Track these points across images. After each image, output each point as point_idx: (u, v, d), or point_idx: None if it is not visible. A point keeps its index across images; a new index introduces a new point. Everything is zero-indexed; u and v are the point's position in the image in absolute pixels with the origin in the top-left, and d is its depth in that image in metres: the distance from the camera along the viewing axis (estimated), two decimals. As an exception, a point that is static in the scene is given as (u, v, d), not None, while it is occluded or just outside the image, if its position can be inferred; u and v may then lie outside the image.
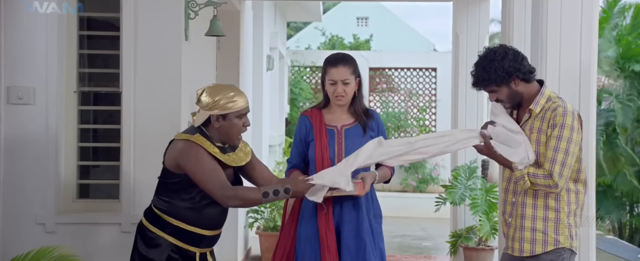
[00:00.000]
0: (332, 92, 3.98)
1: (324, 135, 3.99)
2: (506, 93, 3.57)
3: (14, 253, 4.42)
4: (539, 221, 3.52)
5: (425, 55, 16.30)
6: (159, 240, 3.62)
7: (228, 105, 3.59)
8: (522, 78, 3.53)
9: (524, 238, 3.55)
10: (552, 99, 3.53)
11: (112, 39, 4.91)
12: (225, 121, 3.61)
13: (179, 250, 3.64)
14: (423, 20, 58.00)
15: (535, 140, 3.52)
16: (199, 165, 3.53)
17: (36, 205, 4.64)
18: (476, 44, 7.62)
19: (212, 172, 3.53)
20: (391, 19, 29.79)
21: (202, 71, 5.62)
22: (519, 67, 3.51)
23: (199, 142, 3.57)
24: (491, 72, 3.52)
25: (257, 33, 8.87)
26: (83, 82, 4.92)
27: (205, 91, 3.62)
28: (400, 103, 14.28)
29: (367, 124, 4.03)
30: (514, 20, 5.22)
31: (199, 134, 3.61)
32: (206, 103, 3.59)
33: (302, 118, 4.09)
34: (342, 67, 3.96)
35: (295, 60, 14.35)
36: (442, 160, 13.78)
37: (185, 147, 3.56)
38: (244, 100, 3.65)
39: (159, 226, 3.63)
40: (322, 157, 3.96)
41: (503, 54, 3.53)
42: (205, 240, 3.71)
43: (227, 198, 3.53)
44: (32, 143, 4.62)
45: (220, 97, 3.58)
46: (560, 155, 3.41)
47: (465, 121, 7.66)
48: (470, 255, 7.05)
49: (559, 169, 3.40)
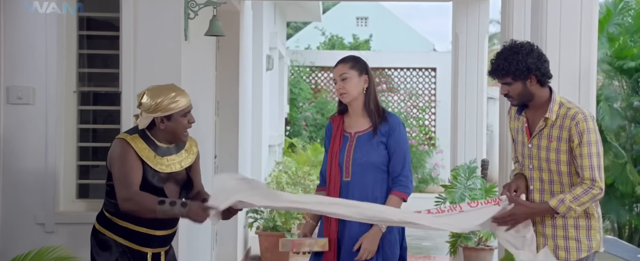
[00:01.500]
0: (335, 90, 4.01)
1: (337, 142, 3.99)
2: (519, 89, 3.53)
3: (13, 253, 4.42)
4: (572, 229, 3.50)
5: (425, 55, 16.31)
6: (110, 241, 3.67)
7: (171, 106, 3.62)
8: (538, 79, 3.51)
9: (558, 246, 3.52)
10: (565, 105, 3.51)
11: (111, 39, 4.91)
12: (170, 122, 3.65)
13: (129, 251, 3.67)
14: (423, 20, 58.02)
15: (555, 148, 3.49)
16: (117, 163, 3.58)
17: (36, 205, 4.64)
18: (476, 44, 7.64)
19: (126, 171, 3.55)
20: (391, 19, 29.78)
21: (201, 71, 5.61)
22: (540, 67, 3.49)
23: (132, 142, 3.60)
24: (513, 64, 3.48)
25: (257, 33, 8.87)
26: (83, 82, 4.92)
27: (146, 94, 3.64)
28: (400, 104, 14.28)
29: (378, 128, 3.94)
30: (513, 20, 5.22)
31: (138, 135, 3.64)
32: (148, 107, 3.61)
33: (327, 124, 4.13)
34: (340, 64, 3.98)
35: (295, 60, 14.35)
36: (442, 159, 13.79)
37: (114, 145, 3.63)
38: (186, 98, 3.68)
39: (109, 228, 3.68)
40: (332, 163, 3.97)
41: (529, 49, 3.51)
42: (156, 240, 3.73)
43: (123, 200, 3.55)
44: (31, 143, 4.62)
45: (162, 98, 3.60)
46: (595, 159, 3.40)
47: (464, 121, 7.66)
48: (470, 255, 7.05)
49: (599, 173, 3.39)
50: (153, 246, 3.72)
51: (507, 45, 3.56)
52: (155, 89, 3.66)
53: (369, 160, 3.90)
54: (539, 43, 4.13)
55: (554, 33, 4.08)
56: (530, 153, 3.59)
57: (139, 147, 3.61)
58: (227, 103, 7.15)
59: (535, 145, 3.56)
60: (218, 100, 6.87)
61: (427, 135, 14.27)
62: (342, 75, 3.94)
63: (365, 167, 3.90)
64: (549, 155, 3.51)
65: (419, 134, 14.13)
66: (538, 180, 3.58)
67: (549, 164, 3.52)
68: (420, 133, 14.17)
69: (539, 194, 3.58)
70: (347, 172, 3.92)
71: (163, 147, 3.69)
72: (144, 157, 3.61)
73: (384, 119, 3.97)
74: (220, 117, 6.99)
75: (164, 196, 3.64)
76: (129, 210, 3.56)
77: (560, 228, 3.52)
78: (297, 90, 13.95)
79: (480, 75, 7.66)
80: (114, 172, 3.59)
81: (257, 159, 8.87)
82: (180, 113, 3.65)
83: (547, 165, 3.53)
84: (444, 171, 13.36)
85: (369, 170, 3.90)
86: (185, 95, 3.70)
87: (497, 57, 3.56)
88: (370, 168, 3.90)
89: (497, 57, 3.56)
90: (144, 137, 3.66)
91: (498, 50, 3.60)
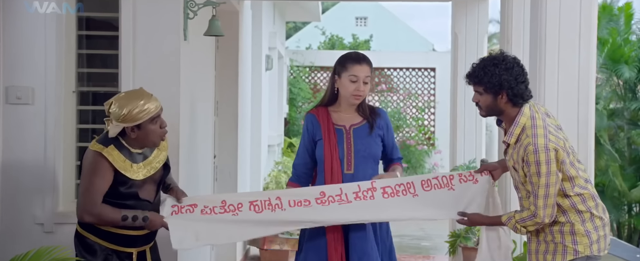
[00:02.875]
0: (352, 89, 3.96)
1: (332, 134, 3.98)
2: (488, 101, 3.57)
3: (12, 254, 4.41)
4: (557, 233, 3.54)
5: (424, 55, 16.30)
6: (95, 245, 3.71)
7: (139, 116, 3.60)
8: (510, 98, 3.51)
9: (548, 250, 3.57)
10: (526, 130, 3.48)
11: (110, 38, 4.90)
12: (140, 130, 3.64)
13: (115, 253, 3.71)
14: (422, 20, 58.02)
15: (517, 169, 3.54)
16: (88, 175, 3.60)
17: (35, 205, 4.64)
18: (475, 44, 7.63)
19: (94, 187, 3.58)
20: (390, 19, 29.76)
21: (201, 71, 5.61)
22: (513, 87, 3.49)
23: (109, 155, 3.60)
24: (487, 75, 3.51)
25: (256, 33, 8.87)
26: (82, 82, 4.92)
27: (113, 103, 3.63)
28: (399, 103, 14.28)
29: (375, 122, 4.03)
30: (512, 20, 5.22)
31: (113, 145, 3.63)
32: (117, 116, 3.60)
33: (308, 116, 4.08)
34: (366, 65, 3.99)
35: (295, 60, 14.34)
36: (441, 160, 13.79)
37: (88, 157, 3.63)
38: (154, 104, 3.65)
39: (92, 233, 3.71)
40: (331, 156, 3.96)
41: (509, 65, 3.50)
42: (139, 239, 3.77)
43: (85, 212, 3.59)
44: (30, 143, 4.62)
45: (130, 108, 3.58)
46: (542, 190, 3.42)
47: (464, 121, 7.65)
48: (469, 255, 7.04)
49: (542, 202, 3.43)
50: (137, 245, 3.77)
51: (492, 54, 3.57)
52: (123, 98, 3.64)
53: (371, 152, 3.98)
54: (538, 43, 4.13)
55: (553, 33, 4.09)
56: (507, 164, 3.69)
57: (115, 158, 3.61)
58: (226, 103, 7.15)
59: (508, 163, 3.64)
60: (217, 100, 6.86)
61: (426, 135, 14.27)
62: (366, 79, 3.98)
63: (367, 159, 3.97)
64: (515, 175, 3.60)
65: (418, 134, 14.12)
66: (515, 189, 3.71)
67: (518, 183, 3.62)
68: (419, 133, 14.16)
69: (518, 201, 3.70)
70: (348, 164, 3.95)
71: (136, 153, 3.70)
72: (120, 168, 3.61)
73: (377, 113, 4.07)
74: (219, 117, 6.99)
75: (140, 200, 3.69)
76: (88, 222, 3.62)
77: (547, 233, 3.57)
78: (296, 90, 13.94)
79: (479, 75, 7.65)
80: (83, 182, 3.62)
81: (256, 159, 8.87)
82: (149, 120, 3.64)
83: (518, 184, 3.62)
84: (443, 171, 13.36)
85: (369, 162, 3.98)
86: (154, 100, 3.67)
87: (477, 63, 3.58)
88: (370, 160, 3.97)
89: (477, 63, 3.58)
90: (118, 146, 3.65)
91: (482, 57, 3.62)
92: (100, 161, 3.59)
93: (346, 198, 3.86)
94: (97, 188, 3.58)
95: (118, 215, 3.59)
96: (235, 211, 3.87)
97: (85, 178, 3.61)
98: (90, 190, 3.59)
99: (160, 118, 3.70)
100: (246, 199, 3.92)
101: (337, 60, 4.05)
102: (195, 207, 3.87)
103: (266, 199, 3.88)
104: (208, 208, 3.87)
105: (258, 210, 3.87)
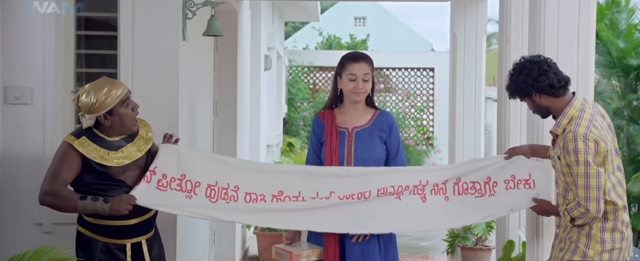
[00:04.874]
0: (351, 86, 3.98)
1: (334, 138, 4.00)
2: (532, 105, 3.65)
3: (11, 254, 4.41)
4: (575, 233, 3.53)
5: (423, 55, 16.29)
6: (90, 240, 3.78)
7: (107, 102, 3.65)
8: (542, 93, 3.55)
9: (561, 247, 3.58)
10: (572, 120, 3.51)
11: (109, 38, 4.90)
12: (113, 116, 3.70)
13: (107, 246, 3.77)
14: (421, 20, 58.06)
15: (557, 157, 3.56)
16: (55, 160, 3.68)
17: (33, 205, 4.61)
18: (474, 44, 7.63)
19: (58, 169, 3.64)
20: (389, 19, 29.76)
21: (199, 71, 5.61)
22: (535, 84, 3.53)
23: (79, 146, 3.66)
24: (513, 85, 3.61)
25: (255, 33, 8.87)
26: (81, 82, 4.91)
27: (81, 96, 3.68)
28: (398, 104, 14.28)
29: (377, 123, 4.03)
30: (511, 20, 5.22)
31: (86, 137, 3.69)
32: (88, 107, 3.66)
33: (315, 119, 4.12)
34: (363, 62, 4.00)
35: (293, 60, 14.34)
36: (440, 160, 13.79)
37: (60, 147, 3.72)
38: (121, 87, 3.71)
39: (87, 228, 3.80)
40: (331, 159, 3.97)
41: (519, 69, 3.58)
42: (130, 230, 3.80)
43: (44, 193, 3.64)
44: (29, 143, 4.62)
45: (97, 96, 3.64)
46: (581, 179, 3.41)
47: (462, 121, 7.65)
48: (468, 254, 7.05)
49: (584, 193, 3.40)
50: (129, 236, 3.80)
51: (514, 65, 3.64)
52: (88, 89, 3.70)
53: (372, 156, 3.95)
54: (537, 43, 4.13)
55: (551, 32, 4.08)
56: (552, 156, 3.70)
57: (87, 149, 3.66)
58: (225, 104, 7.15)
59: (554, 156, 3.64)
60: (216, 100, 6.87)
61: (425, 135, 14.27)
62: (366, 76, 3.98)
63: (367, 162, 3.95)
64: (559, 167, 3.59)
65: (417, 134, 14.13)
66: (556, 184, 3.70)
67: (559, 175, 3.61)
68: (418, 133, 14.17)
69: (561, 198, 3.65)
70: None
71: (114, 141, 3.74)
72: (93, 157, 3.65)
73: (382, 115, 4.06)
74: (218, 117, 6.99)
75: (126, 186, 3.73)
76: (47, 203, 3.66)
77: (566, 229, 3.57)
78: (295, 90, 13.94)
79: (478, 75, 7.66)
80: (49, 169, 3.69)
81: (255, 159, 8.87)
82: (119, 104, 3.69)
83: (560, 176, 3.60)
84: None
85: (370, 165, 3.95)
86: (119, 84, 3.74)
87: (508, 78, 3.67)
88: (371, 163, 3.96)
89: (508, 77, 3.66)
90: (92, 137, 3.70)
91: None
92: (68, 150, 3.66)
93: (303, 199, 3.83)
94: (60, 173, 3.64)
95: (76, 195, 3.63)
96: (191, 193, 3.82)
97: (52, 165, 3.69)
98: (53, 174, 3.65)
99: (129, 101, 3.75)
100: (205, 180, 3.85)
101: (338, 61, 4.08)
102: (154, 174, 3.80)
103: (225, 187, 3.84)
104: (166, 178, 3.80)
105: (212, 199, 3.84)
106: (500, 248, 5.37)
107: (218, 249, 6.98)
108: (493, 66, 8.00)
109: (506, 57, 5.23)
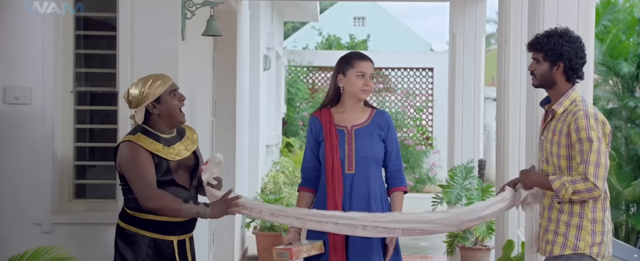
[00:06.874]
0: (361, 84, 3.99)
1: (334, 136, 4.01)
2: (544, 70, 3.57)
3: (10, 254, 4.41)
4: (562, 225, 3.51)
5: (422, 55, 16.28)
6: (136, 236, 3.78)
7: (156, 90, 3.74)
8: (565, 70, 3.53)
9: (547, 239, 3.56)
10: (576, 102, 3.51)
11: (108, 38, 4.90)
12: (161, 104, 3.76)
13: (155, 242, 3.78)
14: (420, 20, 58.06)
15: (557, 142, 3.51)
16: (131, 165, 3.67)
17: (33, 205, 4.64)
18: (473, 44, 7.64)
19: (141, 172, 3.65)
20: (388, 19, 29.74)
21: (199, 71, 5.61)
22: (572, 59, 3.51)
23: (138, 141, 3.70)
24: (550, 43, 3.53)
25: (254, 33, 8.87)
26: (79, 82, 4.91)
27: (130, 90, 3.79)
28: (397, 104, 14.28)
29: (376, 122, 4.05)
30: (510, 20, 5.22)
31: (141, 133, 3.75)
32: (137, 98, 3.75)
33: (312, 119, 4.12)
34: (370, 62, 4.05)
35: (292, 60, 14.34)
36: (439, 159, 13.79)
37: (122, 148, 3.73)
38: (167, 78, 3.83)
39: (133, 224, 3.79)
40: (332, 157, 3.98)
41: (573, 39, 3.54)
42: (178, 227, 3.83)
43: (145, 198, 3.64)
44: (28, 143, 4.62)
45: (145, 86, 3.75)
46: (593, 155, 3.36)
47: (462, 121, 7.66)
48: (467, 254, 7.05)
49: (594, 170, 3.35)
50: (177, 233, 3.83)
51: (560, 28, 3.60)
52: (136, 83, 3.82)
53: (373, 153, 3.98)
54: (536, 43, 4.13)
55: (550, 33, 4.08)
56: (541, 145, 3.66)
57: (146, 142, 3.71)
58: (224, 104, 7.15)
59: (545, 138, 3.61)
60: (215, 100, 6.87)
61: (424, 135, 14.27)
62: (371, 75, 4.02)
63: (368, 160, 3.97)
64: (552, 148, 3.54)
65: (416, 134, 14.12)
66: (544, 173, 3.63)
67: (552, 157, 3.56)
68: (418, 133, 14.16)
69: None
70: (350, 165, 3.97)
71: (167, 138, 3.81)
72: (153, 149, 3.71)
73: (379, 114, 4.08)
74: (217, 117, 6.99)
75: (176, 185, 3.77)
76: (152, 207, 3.66)
77: (554, 222, 3.55)
78: (294, 90, 13.93)
79: (477, 75, 7.67)
80: (129, 175, 3.68)
81: (255, 159, 8.87)
82: (167, 92, 3.77)
83: (551, 158, 3.57)
84: (441, 171, 13.35)
85: (371, 163, 3.98)
86: (165, 76, 3.84)
87: (543, 33, 3.61)
88: (371, 162, 3.98)
89: (543, 33, 3.61)
90: (146, 133, 3.76)
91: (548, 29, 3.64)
92: (134, 147, 3.69)
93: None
94: (146, 174, 3.66)
95: (179, 202, 3.65)
96: None
97: (131, 170, 3.67)
98: (141, 178, 3.66)
99: (177, 92, 3.83)
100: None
101: (341, 59, 4.07)
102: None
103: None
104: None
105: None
106: (500, 248, 5.37)
107: (217, 249, 6.98)
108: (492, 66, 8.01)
109: (505, 57, 5.23)
